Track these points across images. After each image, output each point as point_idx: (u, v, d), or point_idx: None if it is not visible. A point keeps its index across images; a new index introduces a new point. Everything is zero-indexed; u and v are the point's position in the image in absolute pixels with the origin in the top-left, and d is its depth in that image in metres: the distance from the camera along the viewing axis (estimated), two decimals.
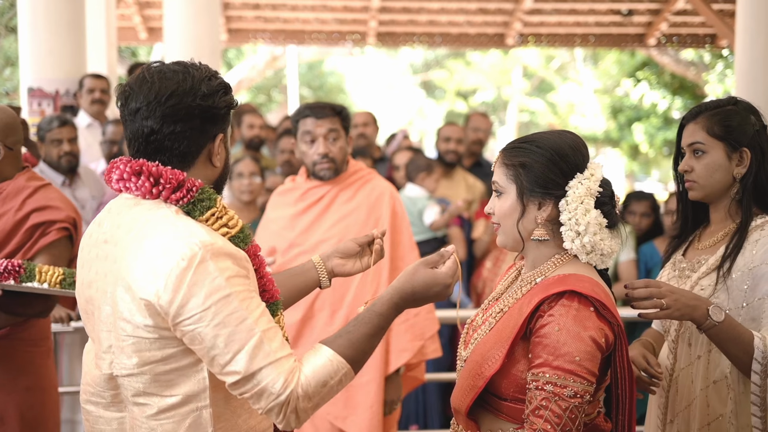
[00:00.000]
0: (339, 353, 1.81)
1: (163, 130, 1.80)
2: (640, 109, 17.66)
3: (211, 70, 1.87)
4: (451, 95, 23.33)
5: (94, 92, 5.90)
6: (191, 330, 1.71)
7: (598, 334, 1.87)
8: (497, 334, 1.99)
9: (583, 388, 1.83)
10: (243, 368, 1.71)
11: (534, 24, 12.10)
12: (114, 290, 1.78)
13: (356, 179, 3.55)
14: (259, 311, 1.76)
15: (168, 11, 7.14)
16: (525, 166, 1.98)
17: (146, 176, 1.79)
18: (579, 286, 1.90)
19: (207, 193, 1.82)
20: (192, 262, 1.70)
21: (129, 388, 1.81)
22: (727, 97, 2.43)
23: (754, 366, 2.14)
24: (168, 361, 1.78)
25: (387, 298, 1.90)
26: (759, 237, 2.27)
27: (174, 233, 1.74)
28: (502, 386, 1.95)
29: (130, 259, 1.76)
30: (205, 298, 1.70)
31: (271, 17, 11.70)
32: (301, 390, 1.75)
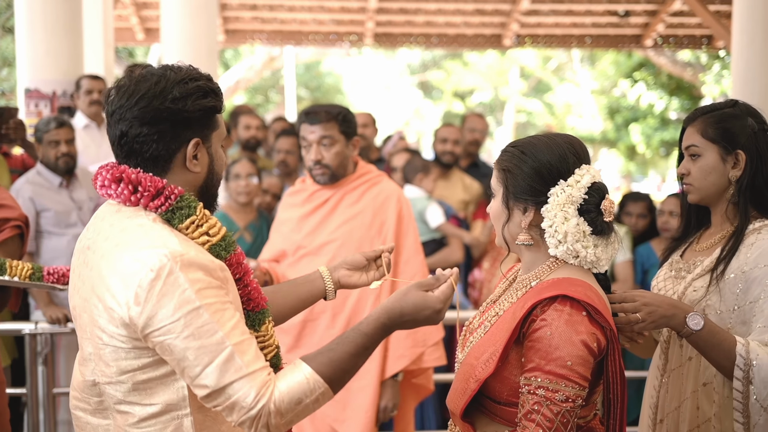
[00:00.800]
0: (317, 371, 1.78)
1: (131, 133, 1.78)
2: (637, 109, 17.68)
3: (195, 74, 1.84)
4: (448, 96, 23.34)
5: (92, 93, 5.87)
6: (161, 341, 1.69)
7: (591, 339, 1.87)
8: (492, 338, 1.99)
9: (575, 392, 1.83)
10: (213, 382, 1.69)
11: (531, 25, 12.10)
12: (90, 298, 1.78)
13: (363, 182, 3.54)
14: (231, 323, 1.73)
15: (165, 12, 7.13)
16: (510, 172, 1.99)
17: (126, 183, 1.78)
18: (572, 291, 1.90)
19: (187, 201, 1.79)
20: (161, 273, 1.68)
21: (111, 396, 1.81)
22: (727, 100, 2.42)
23: (736, 372, 2.14)
24: (145, 370, 1.76)
25: (374, 317, 1.86)
26: (754, 240, 2.27)
27: (146, 243, 1.72)
28: (497, 389, 1.95)
29: (103, 267, 1.75)
30: (174, 310, 1.68)
31: (269, 18, 11.70)
32: (273, 406, 1.72)
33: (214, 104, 1.84)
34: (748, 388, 2.13)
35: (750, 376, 2.12)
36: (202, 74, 1.86)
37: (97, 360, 1.80)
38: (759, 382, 2.11)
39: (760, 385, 2.11)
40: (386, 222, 3.50)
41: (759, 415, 2.13)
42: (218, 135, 1.88)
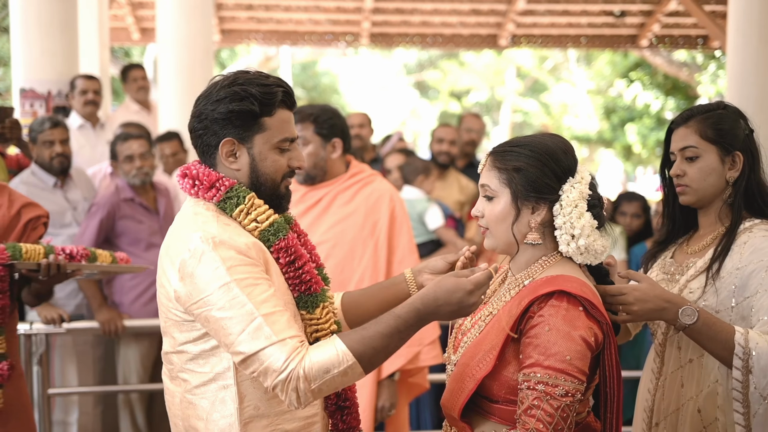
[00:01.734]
0: (348, 346, 1.87)
1: (189, 126, 2.07)
2: (633, 109, 17.70)
3: (244, 78, 2.03)
4: (444, 96, 23.33)
5: (87, 93, 5.86)
6: (200, 313, 1.91)
7: (588, 333, 1.89)
8: (487, 337, 2.00)
9: (575, 386, 1.85)
10: (246, 348, 1.85)
11: (527, 25, 12.10)
12: (159, 277, 2.04)
13: (356, 182, 3.53)
14: (262, 297, 1.89)
15: (161, 12, 7.10)
16: (519, 171, 1.99)
17: (189, 177, 2.04)
18: (568, 286, 1.92)
19: (236, 191, 2.02)
20: (196, 252, 1.90)
21: (175, 364, 2.03)
22: (716, 102, 2.43)
23: (735, 362, 2.14)
24: (196, 342, 1.98)
25: (409, 302, 1.92)
26: (747, 239, 2.27)
27: (191, 227, 1.96)
28: (494, 388, 1.96)
29: (163, 249, 2.03)
30: (208, 285, 1.88)
31: (264, 18, 11.68)
32: (302, 371, 1.84)
33: (249, 108, 1.99)
34: (747, 378, 2.13)
35: (750, 365, 2.12)
36: (255, 79, 2.03)
37: (165, 332, 2.05)
38: (758, 371, 2.11)
39: (760, 374, 2.11)
40: (379, 221, 3.48)
41: (759, 404, 2.13)
42: (265, 137, 2.04)
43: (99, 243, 4.49)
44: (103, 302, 4.43)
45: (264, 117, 2.02)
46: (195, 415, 2.00)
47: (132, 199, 4.66)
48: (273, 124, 2.03)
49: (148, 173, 4.72)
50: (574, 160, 2.04)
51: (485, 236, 2.08)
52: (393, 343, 1.91)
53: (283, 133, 2.06)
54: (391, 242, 3.47)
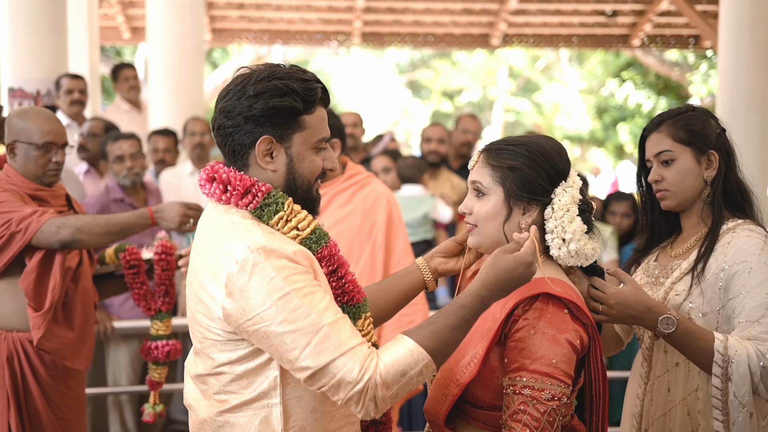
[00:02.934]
0: (420, 344, 1.77)
1: (216, 124, 1.88)
2: (625, 109, 17.70)
3: (283, 72, 1.87)
4: (437, 95, 23.30)
5: (73, 93, 5.82)
6: (256, 330, 1.74)
7: (573, 336, 1.87)
8: (471, 341, 1.97)
9: (561, 390, 1.83)
10: (314, 363, 1.72)
11: (519, 24, 12.09)
12: (191, 294, 1.89)
13: (353, 183, 3.51)
14: (323, 304, 1.76)
15: (151, 10, 7.07)
16: (514, 170, 1.97)
17: (218, 182, 1.87)
18: (552, 289, 1.90)
19: (274, 197, 1.86)
20: (245, 265, 1.74)
21: (212, 385, 1.88)
22: (685, 105, 2.43)
23: (714, 369, 2.13)
24: (241, 362, 1.83)
25: (472, 290, 1.84)
26: (731, 239, 2.26)
27: (232, 237, 1.79)
28: (478, 393, 1.94)
29: (198, 264, 1.86)
30: (265, 298, 1.73)
31: (256, 17, 11.63)
32: (379, 378, 1.73)
33: (291, 105, 1.85)
34: (727, 385, 2.12)
35: (729, 373, 2.11)
36: (293, 73, 1.88)
37: (200, 353, 1.89)
38: (738, 378, 2.10)
39: (739, 382, 2.10)
40: (376, 223, 3.47)
41: (738, 412, 2.12)
42: (304, 136, 1.89)
43: None
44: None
45: (304, 115, 1.88)
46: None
47: (122, 200, 4.63)
48: (312, 122, 1.90)
49: (139, 174, 4.69)
50: (568, 163, 2.02)
51: (471, 234, 2.05)
52: (461, 334, 1.83)
53: (321, 132, 1.93)
54: (389, 244, 3.46)
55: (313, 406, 1.87)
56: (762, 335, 2.12)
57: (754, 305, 2.15)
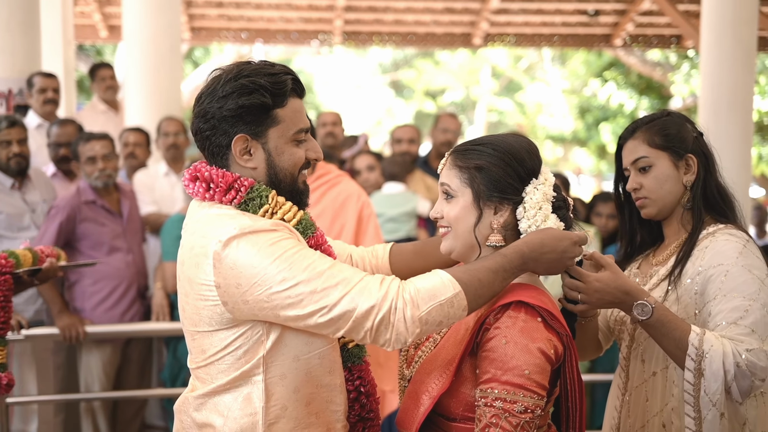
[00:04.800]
0: (452, 274, 1.77)
1: (194, 128, 1.92)
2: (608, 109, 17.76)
3: (249, 69, 1.89)
4: (419, 95, 23.27)
5: (47, 92, 5.70)
6: (257, 298, 1.76)
7: (547, 346, 1.81)
8: (443, 352, 1.92)
9: (534, 402, 1.77)
10: (326, 302, 1.73)
11: (501, 24, 12.06)
12: (180, 289, 1.93)
13: (322, 183, 3.45)
14: (316, 255, 1.79)
15: (127, 8, 6.96)
16: (481, 169, 1.91)
17: (201, 180, 1.90)
18: (525, 296, 1.84)
19: (257, 191, 1.88)
20: (230, 242, 1.77)
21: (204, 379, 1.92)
22: (659, 111, 2.39)
23: (687, 363, 2.05)
24: (227, 348, 1.85)
25: (515, 244, 1.86)
26: (709, 243, 2.21)
27: (217, 224, 1.82)
28: (451, 406, 1.87)
29: (186, 257, 1.88)
30: (257, 266, 1.75)
31: (235, 15, 11.53)
32: (408, 295, 1.74)
33: (260, 101, 1.85)
34: (699, 381, 2.04)
35: (702, 368, 2.03)
36: (261, 69, 1.89)
37: (193, 349, 1.94)
38: (710, 375, 2.02)
39: (711, 379, 2.02)
40: (346, 225, 3.42)
41: (707, 409, 2.04)
42: (280, 130, 1.90)
43: (59, 247, 4.36)
44: (64, 307, 4.31)
45: (276, 109, 1.89)
46: (214, 410, 1.89)
47: (94, 202, 4.55)
48: (286, 115, 1.91)
49: (111, 175, 4.61)
50: (539, 161, 1.97)
51: (444, 238, 1.99)
52: (498, 281, 1.81)
53: (297, 124, 1.93)
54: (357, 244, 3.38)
55: (296, 386, 1.87)
56: (739, 336, 2.05)
57: (731, 307, 2.08)
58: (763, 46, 11.35)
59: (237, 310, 1.81)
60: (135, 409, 4.89)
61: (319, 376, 1.93)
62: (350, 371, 2.07)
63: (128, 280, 4.61)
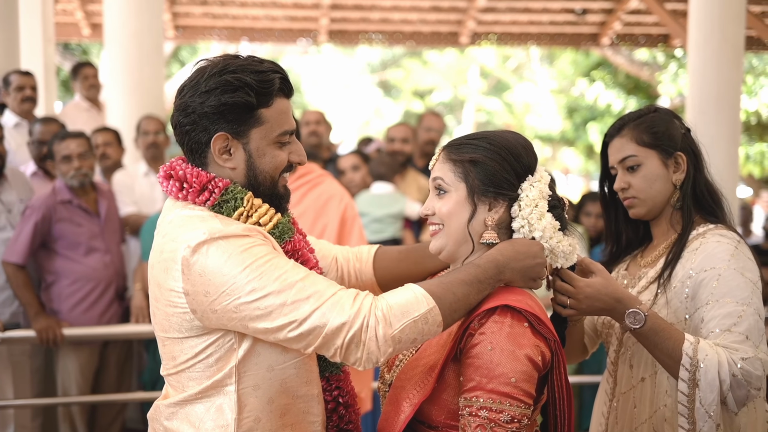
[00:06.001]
0: (425, 289, 1.72)
1: (173, 121, 1.83)
2: (595, 109, 17.79)
3: (236, 65, 1.80)
4: (407, 95, 23.23)
5: (24, 90, 5.60)
6: (225, 308, 1.69)
7: (534, 352, 1.74)
8: (425, 356, 1.85)
9: (521, 411, 1.70)
10: (296, 316, 1.66)
11: (488, 22, 12.00)
12: (150, 294, 1.86)
13: (303, 183, 3.38)
14: (289, 265, 1.71)
15: (108, 6, 6.85)
16: (477, 163, 1.84)
17: (175, 179, 1.83)
18: (512, 300, 1.76)
19: (232, 193, 1.81)
20: (199, 248, 1.69)
21: (176, 386, 1.85)
22: (646, 107, 2.31)
23: (682, 373, 1.98)
24: (199, 355, 1.79)
25: (488, 254, 1.81)
26: (699, 245, 2.13)
27: (188, 227, 1.74)
28: (433, 413, 1.80)
29: (155, 261, 1.80)
30: (227, 275, 1.67)
31: (220, 14, 11.41)
32: (380, 313, 1.67)
33: (244, 100, 1.77)
34: (694, 392, 1.96)
35: (696, 378, 1.95)
36: (248, 65, 1.81)
37: (165, 355, 1.87)
38: (705, 385, 1.94)
39: (707, 389, 1.94)
40: (328, 225, 3.35)
41: (703, 421, 1.96)
42: (263, 131, 1.82)
43: (35, 248, 4.32)
44: (41, 310, 4.26)
45: (261, 108, 1.80)
46: (186, 420, 1.82)
47: (70, 201, 4.46)
48: (271, 115, 1.82)
49: (87, 174, 4.52)
50: (534, 157, 1.90)
51: (435, 237, 1.91)
52: (473, 293, 1.75)
53: (282, 125, 1.84)
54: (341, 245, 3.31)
55: (270, 397, 1.80)
56: (734, 344, 1.98)
57: (724, 314, 2.01)
58: (751, 46, 11.34)
59: (206, 319, 1.74)
60: (114, 413, 4.81)
61: (294, 387, 1.86)
62: (328, 381, 2.00)
63: (106, 282, 4.53)
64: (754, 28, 10.14)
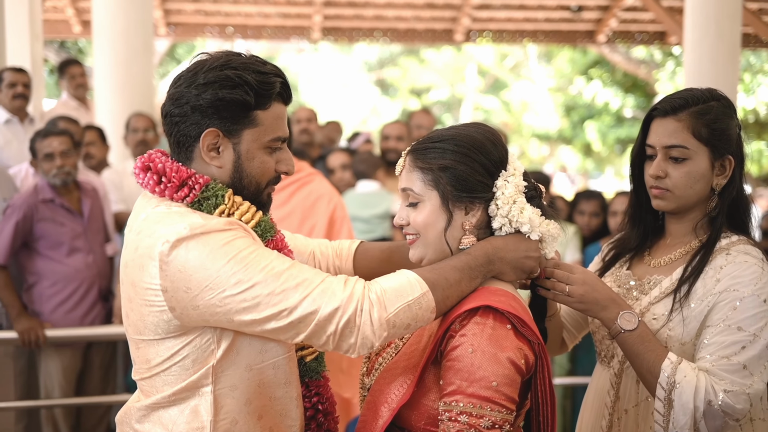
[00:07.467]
0: (419, 274, 1.69)
1: (164, 110, 1.77)
2: (593, 107, 17.78)
3: (238, 62, 1.75)
4: (405, 93, 23.19)
5: (17, 86, 5.54)
6: (208, 303, 1.64)
7: (517, 355, 1.66)
8: (404, 359, 1.78)
9: (502, 417, 1.62)
10: (285, 305, 1.62)
11: (483, 19, 11.94)
12: (123, 294, 1.79)
13: (292, 182, 3.31)
14: (273, 255, 1.67)
15: (96, 2, 6.77)
16: (446, 169, 1.76)
17: (153, 172, 1.76)
18: (494, 301, 1.68)
19: (213, 190, 1.75)
20: (178, 243, 1.64)
21: (149, 391, 1.79)
22: (706, 89, 2.05)
23: (658, 391, 1.85)
24: (173, 357, 1.73)
25: (478, 243, 1.77)
26: (725, 263, 1.93)
27: (166, 222, 1.68)
28: (412, 419, 1.73)
29: (129, 258, 1.74)
30: (209, 269, 1.62)
31: (212, 11, 11.35)
32: (374, 296, 1.64)
33: (242, 98, 1.72)
34: (669, 412, 1.84)
35: (672, 398, 1.82)
36: (251, 64, 1.76)
37: (137, 359, 1.80)
38: (679, 407, 1.82)
39: (680, 411, 1.82)
40: (317, 225, 3.28)
41: None
42: (255, 133, 1.77)
43: (16, 247, 4.24)
44: (22, 311, 4.18)
45: (258, 110, 1.75)
46: (158, 423, 1.77)
47: (52, 200, 4.38)
48: (266, 119, 1.77)
49: (70, 173, 4.43)
50: (504, 149, 1.81)
51: (413, 246, 1.83)
52: (464, 279, 1.72)
53: (276, 131, 1.79)
54: None
55: (247, 398, 1.75)
56: (722, 373, 1.83)
57: (729, 342, 1.85)
58: (748, 43, 11.27)
59: (185, 317, 1.68)
60: (99, 415, 4.73)
61: (273, 388, 1.80)
62: (307, 387, 1.93)
63: (89, 282, 4.45)
64: (751, 25, 10.08)
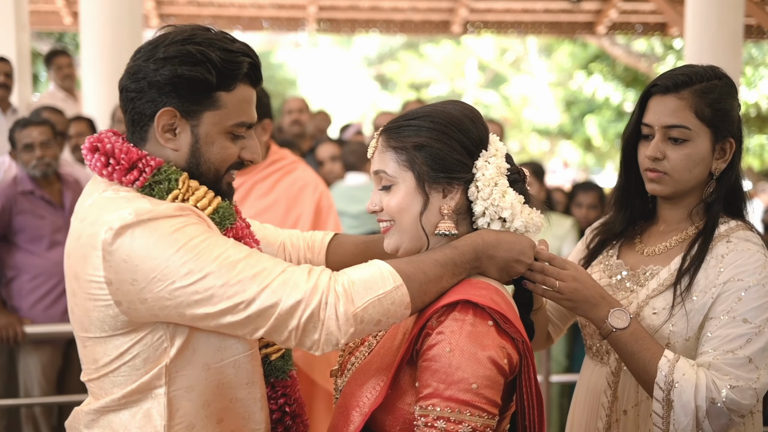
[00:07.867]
0: (393, 266, 1.55)
1: (120, 85, 1.65)
2: (593, 102, 17.73)
3: (203, 38, 1.62)
4: (404, 88, 23.11)
5: None
6: (157, 296, 1.51)
7: (499, 354, 1.52)
8: (378, 359, 1.65)
9: (483, 422, 1.48)
10: (242, 298, 1.49)
11: (480, 11, 11.82)
12: (68, 288, 1.67)
13: (275, 170, 3.20)
14: (229, 243, 1.55)
15: None
16: (422, 148, 1.61)
17: (101, 153, 1.63)
18: (474, 295, 1.54)
19: (165, 173, 1.62)
20: (123, 231, 1.51)
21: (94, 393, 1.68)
22: (710, 67, 1.90)
23: (656, 392, 1.73)
24: (123, 356, 1.61)
25: (468, 236, 1.64)
26: (726, 251, 1.82)
27: (110, 209, 1.55)
28: (386, 423, 1.59)
29: (71, 249, 1.63)
30: (157, 258, 1.50)
31: (205, 2, 11.24)
32: (341, 288, 1.51)
33: (203, 76, 1.59)
34: (669, 414, 1.72)
35: (671, 399, 1.71)
36: (217, 41, 1.63)
37: (85, 358, 1.69)
38: (679, 408, 1.70)
39: (680, 412, 1.70)
40: (302, 215, 3.16)
41: None
42: (217, 116, 1.64)
43: None
44: (0, 306, 4.08)
45: (220, 91, 1.62)
46: (108, 428, 1.64)
47: (32, 192, 4.28)
48: (230, 101, 1.63)
49: (50, 164, 4.32)
50: (484, 128, 1.67)
51: (387, 235, 1.69)
52: (446, 275, 1.58)
53: (240, 115, 1.66)
54: None
55: (205, 399, 1.64)
56: (726, 367, 1.72)
57: (734, 335, 1.73)
58: (750, 34, 11.13)
59: (133, 311, 1.55)
60: None
61: (233, 389, 1.67)
62: (273, 387, 1.80)
63: None
64: (754, 15, 9.95)
